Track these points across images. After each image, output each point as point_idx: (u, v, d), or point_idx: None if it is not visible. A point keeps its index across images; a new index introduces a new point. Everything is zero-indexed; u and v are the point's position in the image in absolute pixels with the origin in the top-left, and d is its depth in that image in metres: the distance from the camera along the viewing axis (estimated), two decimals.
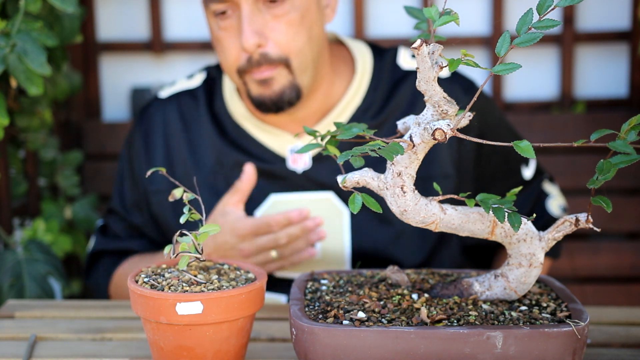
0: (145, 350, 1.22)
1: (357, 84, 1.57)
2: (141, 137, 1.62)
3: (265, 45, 1.44)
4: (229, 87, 1.61)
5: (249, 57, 1.44)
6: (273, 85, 1.46)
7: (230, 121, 1.58)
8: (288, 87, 1.47)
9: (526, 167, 1.65)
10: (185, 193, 1.10)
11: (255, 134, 1.56)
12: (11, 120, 1.94)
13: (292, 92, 1.48)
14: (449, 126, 0.94)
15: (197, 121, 1.59)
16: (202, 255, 1.06)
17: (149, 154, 1.61)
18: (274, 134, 1.56)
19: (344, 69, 1.59)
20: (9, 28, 1.54)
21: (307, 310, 1.02)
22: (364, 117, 1.55)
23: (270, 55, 1.44)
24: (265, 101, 1.48)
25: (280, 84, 1.46)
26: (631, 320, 1.33)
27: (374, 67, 1.59)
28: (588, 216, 0.99)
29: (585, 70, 2.34)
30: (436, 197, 1.02)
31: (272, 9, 1.43)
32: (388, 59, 1.60)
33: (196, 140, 1.58)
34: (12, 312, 1.40)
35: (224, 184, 1.55)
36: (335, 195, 1.53)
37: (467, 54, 0.91)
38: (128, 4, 2.35)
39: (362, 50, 1.61)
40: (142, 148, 1.61)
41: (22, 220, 2.15)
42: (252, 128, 1.57)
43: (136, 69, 2.38)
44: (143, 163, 1.61)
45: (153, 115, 1.62)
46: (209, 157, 1.57)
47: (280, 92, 1.47)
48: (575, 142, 0.92)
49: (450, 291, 1.07)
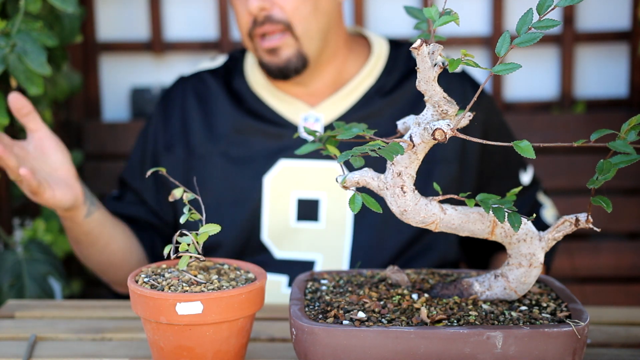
0: (145, 350, 1.22)
1: (372, 65, 1.63)
2: (161, 107, 1.70)
3: (269, 9, 1.51)
4: (251, 61, 1.68)
5: (254, 19, 1.52)
6: (280, 54, 1.54)
7: (249, 92, 1.65)
8: (294, 55, 1.54)
9: (524, 172, 1.67)
10: (185, 193, 1.10)
11: (270, 101, 1.63)
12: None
13: (299, 60, 1.55)
14: (449, 126, 0.94)
15: (215, 95, 1.66)
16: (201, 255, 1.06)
17: (167, 121, 1.68)
18: (288, 102, 1.62)
19: (360, 51, 1.66)
20: (9, 28, 1.54)
21: (307, 310, 1.02)
22: (376, 97, 1.61)
23: (274, 16, 1.52)
24: (273, 69, 1.56)
25: (287, 53, 1.54)
26: (631, 320, 1.33)
27: (390, 53, 1.66)
28: (588, 216, 0.99)
29: (585, 70, 2.34)
30: (436, 197, 1.02)
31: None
32: (404, 49, 1.67)
33: (213, 112, 1.65)
34: (12, 312, 1.40)
35: (239, 149, 1.61)
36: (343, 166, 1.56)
37: (467, 54, 0.91)
38: (128, 4, 2.35)
39: (379, 40, 1.68)
40: (160, 116, 1.68)
41: (22, 220, 2.15)
42: (268, 96, 1.63)
43: (136, 69, 2.38)
44: (160, 129, 1.67)
45: (173, 90, 1.71)
46: (225, 127, 1.63)
47: (286, 61, 1.55)
48: (575, 142, 0.92)
49: (450, 291, 1.07)
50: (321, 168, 1.59)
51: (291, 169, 1.59)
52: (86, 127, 2.29)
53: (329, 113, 1.60)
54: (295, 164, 1.59)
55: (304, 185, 1.59)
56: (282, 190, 1.59)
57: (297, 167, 1.59)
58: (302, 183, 1.59)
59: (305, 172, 1.59)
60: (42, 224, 2.04)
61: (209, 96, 1.67)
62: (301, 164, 1.59)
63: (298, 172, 1.59)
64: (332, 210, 1.58)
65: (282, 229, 1.59)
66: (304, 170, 1.59)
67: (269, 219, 1.59)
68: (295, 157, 1.59)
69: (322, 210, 1.58)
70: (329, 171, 1.58)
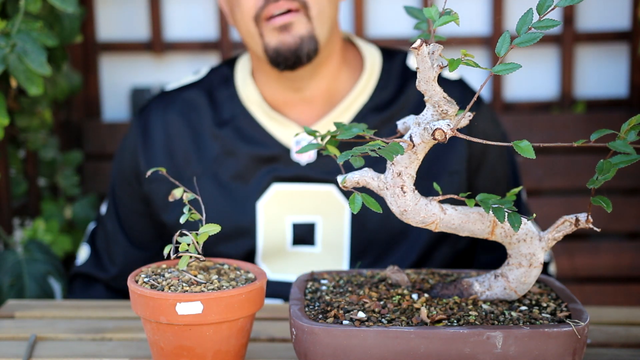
0: (145, 350, 1.22)
1: (364, 81, 1.57)
2: (139, 125, 1.61)
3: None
4: (243, 72, 1.60)
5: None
6: (293, 31, 1.46)
7: (240, 107, 1.58)
8: (307, 36, 1.46)
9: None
10: (185, 193, 1.10)
11: (263, 121, 1.56)
12: (11, 120, 1.94)
13: (311, 43, 1.46)
14: (449, 126, 0.94)
15: (201, 112, 1.59)
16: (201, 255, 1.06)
17: (147, 139, 1.60)
18: (282, 124, 1.55)
19: (353, 62, 1.60)
20: (9, 28, 1.54)
21: (307, 310, 1.02)
22: (371, 114, 1.56)
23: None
24: (284, 51, 1.46)
25: (300, 31, 1.46)
26: (631, 320, 1.33)
27: (383, 66, 1.60)
28: (588, 216, 0.99)
29: (585, 70, 2.34)
30: (436, 197, 1.02)
31: None
32: (397, 60, 1.61)
33: (199, 131, 1.58)
34: (12, 312, 1.40)
35: (229, 171, 1.55)
36: (336, 189, 1.54)
37: (467, 54, 0.91)
38: (128, 4, 2.35)
39: (371, 51, 1.62)
40: (139, 135, 1.60)
41: (22, 220, 2.15)
42: (261, 115, 1.56)
43: (136, 69, 2.38)
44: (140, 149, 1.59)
45: (153, 106, 1.62)
46: (213, 146, 1.57)
47: (299, 40, 1.46)
48: (575, 142, 0.92)
49: (450, 291, 1.07)
50: (315, 191, 1.54)
51: (285, 193, 1.54)
52: (86, 127, 2.29)
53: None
54: (288, 188, 1.54)
55: (298, 209, 1.54)
56: (277, 215, 1.54)
57: (290, 190, 1.54)
58: (297, 207, 1.54)
59: (299, 195, 1.54)
60: (42, 224, 2.04)
61: (194, 113, 1.60)
62: (295, 188, 1.54)
63: (292, 196, 1.54)
64: (328, 233, 1.54)
65: (277, 253, 1.55)
66: (298, 194, 1.54)
67: (264, 243, 1.55)
68: (288, 181, 1.54)
69: (318, 234, 1.54)
70: (323, 194, 1.53)
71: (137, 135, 1.61)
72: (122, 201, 1.64)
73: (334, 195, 1.54)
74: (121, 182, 1.64)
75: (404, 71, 1.60)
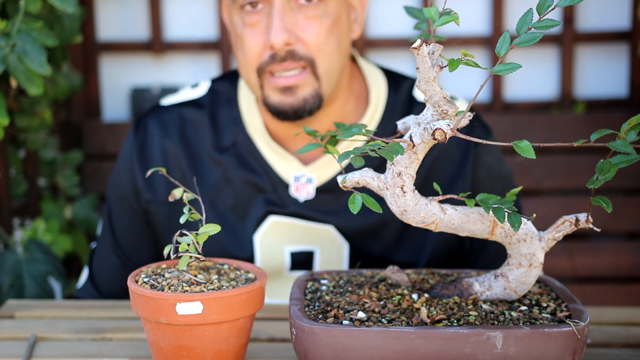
0: (145, 350, 1.22)
1: (369, 116, 1.49)
2: (136, 143, 1.53)
3: (293, 44, 1.37)
4: (247, 97, 1.52)
5: (274, 54, 1.37)
6: (297, 93, 1.39)
7: (244, 133, 1.50)
8: (312, 95, 1.40)
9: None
10: (185, 193, 1.10)
11: (265, 153, 1.49)
12: (11, 120, 1.94)
13: (315, 101, 1.40)
14: (449, 126, 0.94)
15: (201, 133, 1.52)
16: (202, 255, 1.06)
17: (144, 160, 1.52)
18: (283, 157, 1.48)
19: (359, 91, 1.52)
20: (9, 28, 1.54)
21: (307, 310, 1.02)
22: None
23: (297, 52, 1.37)
24: (286, 109, 1.40)
25: (304, 93, 1.39)
26: (631, 320, 1.33)
27: (388, 98, 1.51)
28: (588, 216, 0.99)
29: (585, 70, 2.35)
30: (436, 197, 1.02)
31: (305, 10, 1.37)
32: (403, 91, 1.52)
33: (198, 152, 1.51)
34: (12, 312, 1.40)
35: (226, 201, 1.49)
36: (335, 230, 1.48)
37: (467, 54, 0.91)
38: (128, 4, 2.35)
39: (376, 79, 1.52)
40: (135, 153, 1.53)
41: (22, 220, 2.15)
42: (263, 145, 1.49)
43: (136, 69, 2.38)
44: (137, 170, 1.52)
45: (150, 124, 1.54)
46: (213, 172, 1.50)
47: (303, 101, 1.40)
48: (575, 142, 0.92)
49: (450, 291, 1.07)
50: (313, 227, 1.48)
51: (282, 224, 1.48)
52: (86, 127, 2.29)
53: (323, 173, 1.47)
54: (286, 220, 1.48)
55: (296, 240, 1.49)
56: (274, 246, 1.49)
57: (288, 222, 1.48)
58: (295, 238, 1.49)
59: (298, 228, 1.48)
60: (42, 224, 2.04)
61: (194, 134, 1.52)
62: (292, 221, 1.48)
63: (290, 227, 1.48)
64: (326, 260, 1.49)
65: (274, 278, 1.50)
66: (295, 227, 1.48)
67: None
68: (285, 215, 1.48)
69: (317, 261, 1.50)
70: (320, 231, 1.48)
71: (133, 152, 1.53)
72: (118, 221, 1.56)
73: (333, 234, 1.49)
74: (119, 201, 1.55)
75: (410, 103, 1.52)
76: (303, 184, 1.47)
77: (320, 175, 1.47)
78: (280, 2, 1.36)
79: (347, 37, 1.44)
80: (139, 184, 1.52)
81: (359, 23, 1.49)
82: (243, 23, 1.40)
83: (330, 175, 1.47)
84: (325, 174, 1.47)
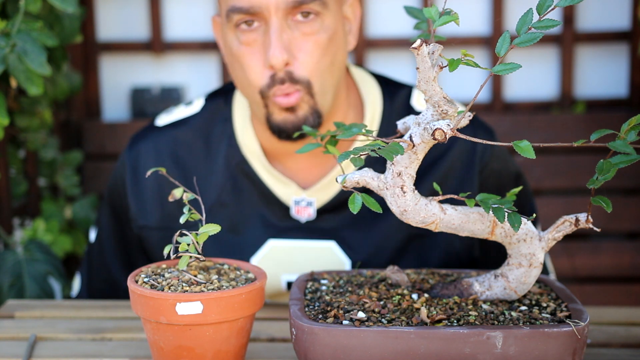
0: (145, 350, 1.22)
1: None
2: (129, 164, 1.51)
3: (292, 64, 1.35)
4: (241, 116, 1.49)
5: (273, 75, 1.35)
6: (297, 113, 1.38)
7: (240, 156, 1.48)
8: (311, 113, 1.38)
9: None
10: (185, 193, 1.10)
11: (263, 176, 1.47)
12: (11, 120, 1.94)
13: (315, 118, 1.39)
14: (449, 126, 0.94)
15: (194, 155, 1.50)
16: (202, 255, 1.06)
17: (137, 185, 1.50)
18: (282, 182, 1.46)
19: (355, 103, 1.50)
20: (9, 28, 1.54)
21: (307, 310, 1.02)
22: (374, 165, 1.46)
23: (295, 75, 1.35)
24: (288, 128, 1.39)
25: (304, 112, 1.38)
26: (631, 320, 1.33)
27: (383, 111, 1.48)
28: (588, 216, 0.99)
29: (585, 70, 2.34)
30: (436, 197, 1.02)
31: (302, 26, 1.35)
32: (400, 100, 1.49)
33: (193, 173, 1.49)
34: (12, 312, 1.40)
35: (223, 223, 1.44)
36: (337, 245, 1.47)
37: (467, 54, 0.91)
38: (128, 4, 2.35)
39: (370, 89, 1.50)
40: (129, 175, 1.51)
41: (22, 220, 2.15)
42: (260, 169, 1.47)
43: (136, 69, 2.38)
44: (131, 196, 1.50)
45: (143, 149, 1.52)
46: (210, 195, 1.48)
47: (303, 119, 1.38)
48: (575, 142, 0.92)
49: (450, 291, 1.07)
50: (314, 247, 1.46)
51: (281, 248, 1.46)
52: (86, 127, 2.29)
53: (323, 195, 1.45)
54: (285, 244, 1.46)
55: (295, 268, 1.47)
56: (272, 274, 1.46)
57: (287, 246, 1.46)
58: (293, 266, 1.46)
59: (297, 252, 1.46)
60: (42, 224, 2.04)
61: (188, 156, 1.50)
62: (291, 244, 1.46)
63: (288, 253, 1.46)
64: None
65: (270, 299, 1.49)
66: (295, 250, 1.46)
67: None
68: (284, 238, 1.46)
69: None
70: (321, 250, 1.46)
71: (126, 175, 1.51)
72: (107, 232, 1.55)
73: (334, 251, 1.47)
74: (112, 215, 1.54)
75: (407, 113, 1.47)
76: (304, 207, 1.46)
77: (320, 198, 1.46)
78: (277, 21, 1.33)
79: (343, 51, 1.42)
80: (131, 211, 1.50)
81: (353, 34, 1.46)
82: (239, 42, 1.36)
83: (330, 196, 1.46)
84: (324, 195, 1.46)
